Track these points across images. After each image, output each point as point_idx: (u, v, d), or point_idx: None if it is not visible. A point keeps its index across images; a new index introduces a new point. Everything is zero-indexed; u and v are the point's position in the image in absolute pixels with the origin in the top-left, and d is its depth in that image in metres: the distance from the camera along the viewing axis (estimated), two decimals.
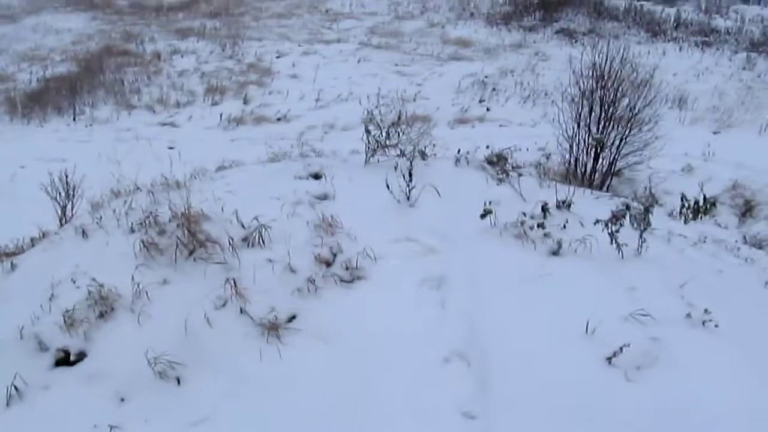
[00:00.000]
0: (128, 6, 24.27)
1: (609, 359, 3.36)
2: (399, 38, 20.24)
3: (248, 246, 4.10)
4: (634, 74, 9.78)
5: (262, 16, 22.93)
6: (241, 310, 3.62)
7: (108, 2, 24.61)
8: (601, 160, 9.51)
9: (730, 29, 20.34)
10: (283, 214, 4.31)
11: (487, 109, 14.49)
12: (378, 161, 5.42)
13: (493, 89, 15.69)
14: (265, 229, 4.12)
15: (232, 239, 4.05)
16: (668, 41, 19.38)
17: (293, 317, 3.65)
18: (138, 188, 5.20)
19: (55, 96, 15.38)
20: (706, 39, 19.53)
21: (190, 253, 4.00)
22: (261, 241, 4.10)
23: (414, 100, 14.74)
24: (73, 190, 7.28)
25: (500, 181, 5.21)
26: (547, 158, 7.16)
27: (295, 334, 3.54)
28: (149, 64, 17.75)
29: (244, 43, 19.43)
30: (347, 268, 3.93)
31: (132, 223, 4.34)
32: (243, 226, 4.20)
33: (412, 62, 17.91)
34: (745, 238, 7.51)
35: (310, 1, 24.76)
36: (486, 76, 16.49)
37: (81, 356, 3.53)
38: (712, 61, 17.93)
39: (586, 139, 9.38)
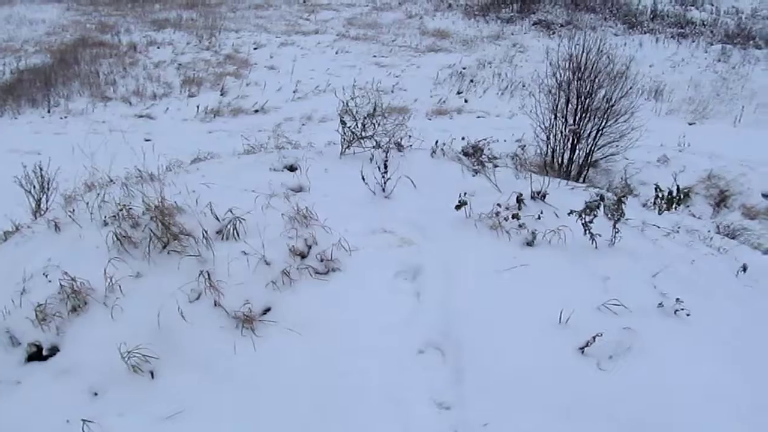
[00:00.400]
0: None
1: (582, 349, 3.38)
2: (377, 29, 20.21)
3: (222, 239, 4.08)
4: (611, 66, 9.85)
5: (239, 7, 22.78)
6: (215, 303, 3.60)
7: None
8: (577, 151, 9.58)
9: (705, 21, 20.51)
10: (257, 207, 4.28)
11: (465, 101, 14.51)
12: (354, 153, 5.42)
13: (471, 81, 15.73)
14: (240, 221, 4.09)
15: (206, 232, 4.02)
16: (645, 33, 19.51)
17: (268, 310, 3.65)
18: (112, 181, 5.15)
19: (29, 88, 15.20)
20: (682, 31, 19.68)
21: (164, 246, 3.97)
22: (235, 233, 4.08)
23: (392, 91, 14.75)
24: (48, 183, 7.21)
25: (476, 172, 5.22)
26: (523, 149, 7.19)
27: (269, 327, 3.53)
28: (125, 56, 17.59)
29: (221, 35, 19.30)
30: (322, 260, 3.92)
31: (105, 217, 4.30)
32: (217, 219, 4.17)
33: (390, 53, 17.89)
34: (718, 227, 7.60)
35: None
36: (464, 68, 16.52)
37: (53, 351, 3.50)
38: (687, 53, 18.08)
39: (563, 130, 9.44)
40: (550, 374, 3.28)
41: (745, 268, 4.90)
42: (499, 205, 4.43)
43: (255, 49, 18.20)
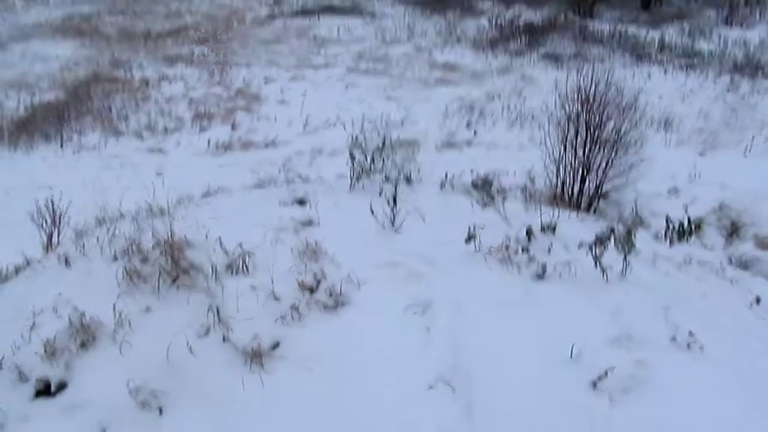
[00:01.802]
0: (116, 33, 24.30)
1: (594, 383, 3.35)
2: (386, 63, 20.33)
3: (232, 273, 4.09)
4: (620, 97, 9.85)
5: (250, 43, 22.99)
6: (224, 339, 3.59)
7: (96, 29, 24.65)
8: (587, 182, 9.55)
9: (713, 52, 20.53)
10: (266, 241, 4.29)
11: (474, 133, 14.52)
12: (363, 186, 5.43)
13: (480, 113, 15.74)
14: (249, 256, 4.10)
15: (216, 266, 4.03)
16: (653, 64, 19.54)
17: (277, 344, 3.63)
18: (122, 215, 5.18)
19: (42, 123, 15.33)
20: (691, 62, 19.70)
21: (174, 280, 3.98)
22: (245, 268, 4.08)
23: (402, 124, 14.76)
24: (60, 218, 7.27)
25: (485, 205, 5.22)
26: (532, 181, 7.19)
27: (278, 362, 3.51)
28: (137, 91, 17.74)
29: (232, 70, 19.46)
30: (331, 295, 3.91)
31: (115, 251, 4.32)
32: (227, 253, 4.18)
33: (400, 87, 17.96)
34: (730, 259, 7.54)
35: (298, 28, 24.87)
36: (473, 101, 16.56)
37: (62, 386, 3.48)
38: (696, 84, 18.06)
39: (573, 162, 9.43)
40: (561, 409, 3.24)
41: (758, 300, 4.85)
42: (508, 238, 4.43)
43: (266, 83, 18.31)
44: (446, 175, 5.80)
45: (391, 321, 3.81)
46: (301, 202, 5.09)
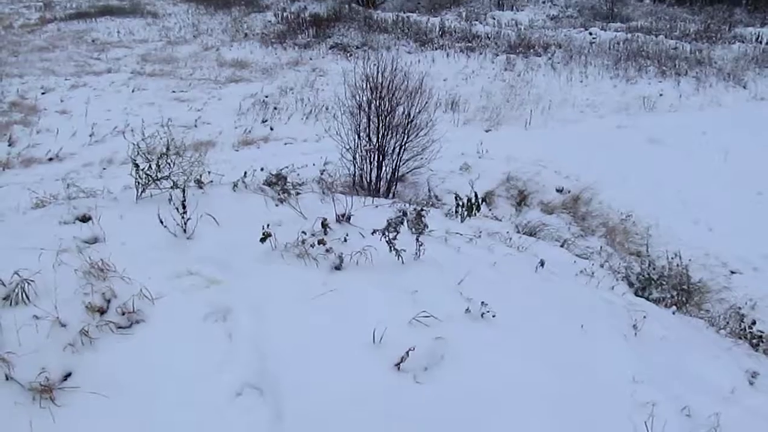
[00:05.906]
0: None
1: (398, 365, 3.43)
2: (173, 64, 19.69)
3: (10, 304, 3.74)
4: (407, 82, 10.17)
5: (21, 51, 21.34)
6: (7, 377, 3.28)
7: None
8: (384, 167, 9.79)
9: (489, 34, 21.81)
10: (47, 265, 3.98)
11: (271, 129, 14.44)
12: (151, 195, 5.19)
13: (275, 108, 15.66)
14: (28, 283, 3.78)
15: None
16: (436, 49, 20.41)
17: (68, 375, 3.38)
18: None
19: None
20: (470, 44, 20.80)
21: None
22: (24, 297, 3.75)
23: (195, 126, 14.37)
24: None
25: (281, 201, 5.17)
26: (323, 173, 7.25)
27: (71, 394, 3.26)
28: None
29: (2, 81, 17.97)
30: (123, 313, 3.70)
31: None
32: (2, 284, 3.83)
33: (190, 87, 17.46)
34: (518, 227, 8.05)
35: (74, 32, 23.44)
36: (266, 96, 16.44)
37: None
38: (477, 65, 19.11)
39: (368, 149, 9.63)
40: (368, 396, 3.29)
41: (542, 263, 5.21)
42: (304, 232, 4.42)
43: (43, 93, 17.05)
44: (245, 174, 5.68)
45: (192, 332, 3.68)
46: (84, 218, 4.76)
